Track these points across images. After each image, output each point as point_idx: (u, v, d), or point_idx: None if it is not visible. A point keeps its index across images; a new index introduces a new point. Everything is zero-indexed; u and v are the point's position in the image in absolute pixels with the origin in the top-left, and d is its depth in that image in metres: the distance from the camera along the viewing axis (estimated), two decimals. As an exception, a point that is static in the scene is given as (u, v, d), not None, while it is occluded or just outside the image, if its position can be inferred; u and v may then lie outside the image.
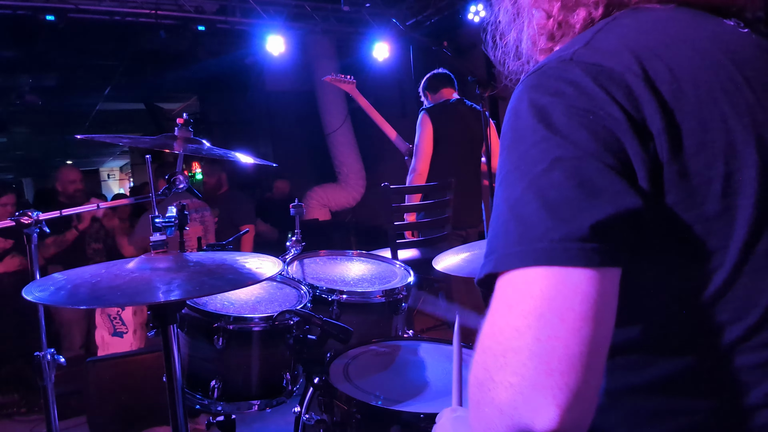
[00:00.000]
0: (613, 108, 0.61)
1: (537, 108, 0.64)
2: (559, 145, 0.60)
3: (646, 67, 0.64)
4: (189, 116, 1.71)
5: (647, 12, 0.73)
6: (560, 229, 0.56)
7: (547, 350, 0.53)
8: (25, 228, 1.74)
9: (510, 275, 0.58)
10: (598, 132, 0.60)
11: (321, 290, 1.82)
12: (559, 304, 0.54)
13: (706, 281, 0.63)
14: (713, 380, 0.64)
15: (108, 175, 17.81)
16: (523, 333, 0.54)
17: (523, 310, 0.56)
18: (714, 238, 0.62)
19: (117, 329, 3.49)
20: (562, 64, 0.66)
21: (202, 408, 1.61)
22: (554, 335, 0.53)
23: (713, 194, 0.62)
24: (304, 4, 5.55)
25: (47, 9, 4.54)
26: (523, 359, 0.54)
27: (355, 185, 7.11)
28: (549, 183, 0.59)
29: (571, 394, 0.52)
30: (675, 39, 0.68)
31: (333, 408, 1.35)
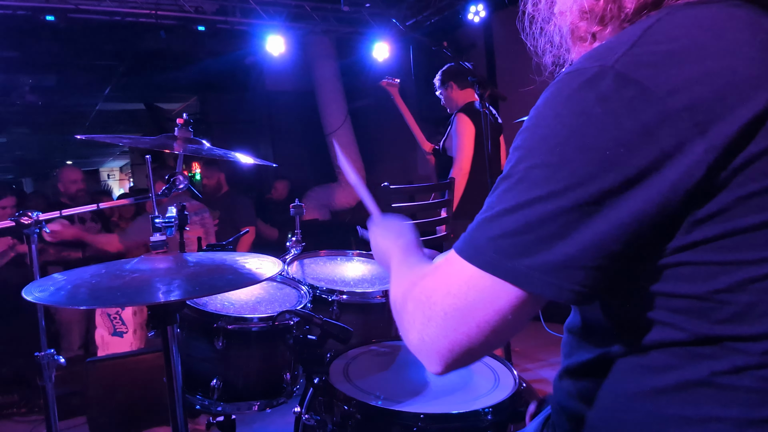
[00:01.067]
0: (639, 142, 0.58)
1: (557, 124, 0.63)
2: (561, 180, 0.61)
3: (690, 83, 0.59)
4: (189, 116, 1.71)
5: (705, 7, 0.65)
6: (533, 257, 0.62)
7: (448, 329, 0.67)
8: (25, 228, 1.74)
9: (460, 263, 0.67)
10: (613, 173, 0.59)
11: (321, 290, 1.82)
12: (473, 306, 0.66)
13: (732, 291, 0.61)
14: (740, 388, 0.63)
15: (108, 175, 17.81)
16: (441, 305, 0.68)
17: (451, 289, 0.67)
18: (750, 251, 0.61)
19: (117, 329, 3.49)
20: (599, 72, 0.61)
21: (202, 408, 1.61)
22: (453, 327, 0.67)
23: (753, 207, 0.59)
24: (304, 4, 5.55)
25: (47, 9, 4.55)
26: (433, 325, 0.68)
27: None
28: (541, 214, 0.62)
29: (453, 363, 0.69)
30: (729, 42, 0.62)
31: (333, 408, 1.35)
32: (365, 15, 5.78)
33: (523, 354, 3.87)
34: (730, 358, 0.62)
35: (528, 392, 1.39)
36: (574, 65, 0.65)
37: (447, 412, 1.25)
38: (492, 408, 1.26)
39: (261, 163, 2.15)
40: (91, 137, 1.81)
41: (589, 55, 0.65)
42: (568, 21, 0.76)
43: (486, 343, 0.67)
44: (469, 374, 1.50)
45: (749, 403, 0.61)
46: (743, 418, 0.62)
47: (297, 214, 2.30)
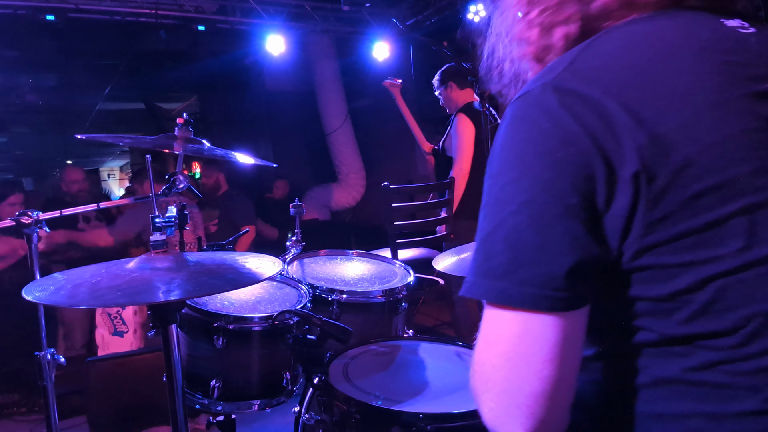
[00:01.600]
0: (586, 141, 0.62)
1: (516, 143, 0.67)
2: (527, 189, 0.64)
3: (626, 89, 0.63)
4: (189, 116, 1.71)
5: (637, 24, 0.71)
6: (519, 274, 0.63)
7: (514, 388, 0.64)
8: (25, 228, 1.74)
9: (488, 305, 0.67)
10: (566, 171, 0.62)
11: (321, 290, 1.82)
12: (523, 349, 0.64)
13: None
14: (712, 383, 0.64)
15: (108, 175, 17.81)
16: (498, 370, 0.65)
17: (497, 350, 0.66)
18: (703, 250, 0.62)
19: (117, 328, 3.49)
20: (542, 90, 0.66)
21: (202, 408, 1.61)
22: (520, 376, 0.64)
23: (702, 207, 0.61)
24: (304, 4, 5.55)
25: (47, 9, 4.54)
26: (498, 391, 0.65)
27: (355, 185, 7.11)
28: (515, 227, 0.64)
29: (536, 422, 0.64)
30: (663, 56, 0.66)
31: (333, 408, 1.35)
32: (365, 15, 5.77)
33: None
34: (699, 355, 0.63)
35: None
36: (522, 89, 0.70)
37: (447, 411, 1.25)
38: (492, 408, 1.26)
39: (261, 163, 2.15)
40: (91, 137, 1.81)
41: (535, 77, 0.70)
42: (519, 57, 0.82)
43: (555, 378, 0.63)
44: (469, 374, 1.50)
45: (723, 398, 0.62)
46: (718, 412, 0.63)
47: (297, 214, 2.29)
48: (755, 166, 0.61)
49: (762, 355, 0.61)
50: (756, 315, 0.61)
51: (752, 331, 0.61)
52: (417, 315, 4.92)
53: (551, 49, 0.78)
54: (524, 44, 0.80)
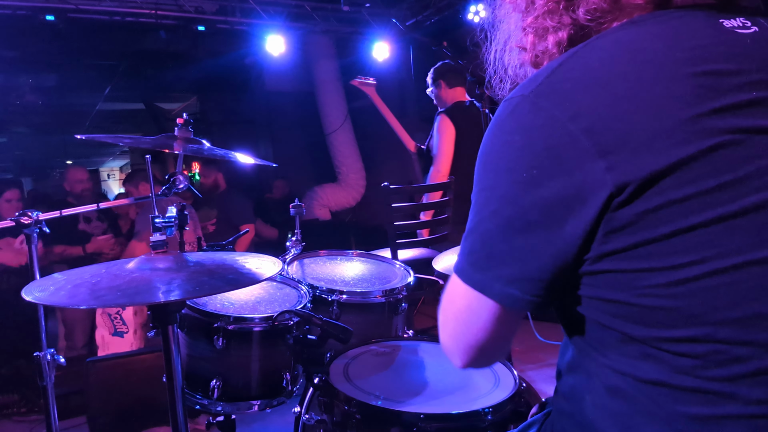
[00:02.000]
0: (550, 163, 0.66)
1: (492, 152, 0.73)
2: (496, 199, 0.71)
3: (593, 110, 0.65)
4: (189, 116, 1.71)
5: (624, 31, 0.71)
6: (490, 270, 0.73)
7: (458, 336, 0.81)
8: (25, 228, 1.74)
9: (457, 279, 0.79)
10: (531, 190, 0.67)
11: (321, 290, 1.82)
12: (469, 315, 0.78)
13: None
14: (689, 388, 0.65)
15: (108, 175, 17.81)
16: (449, 321, 0.83)
17: (455, 309, 0.81)
18: (664, 258, 0.64)
19: (117, 329, 3.49)
20: (521, 100, 0.70)
21: (202, 408, 1.61)
22: (462, 331, 0.80)
23: (662, 219, 0.63)
24: (304, 4, 5.55)
25: (47, 9, 4.54)
26: (447, 334, 0.84)
27: (355, 185, 7.11)
28: (487, 230, 0.73)
29: (469, 359, 0.82)
30: (639, 70, 0.66)
31: (333, 408, 1.35)
32: (365, 15, 5.77)
33: (523, 354, 3.87)
34: (673, 359, 0.65)
35: (528, 392, 1.39)
36: (508, 95, 0.74)
37: (447, 412, 1.25)
38: (492, 408, 1.27)
39: (261, 163, 2.15)
40: (91, 137, 1.80)
41: (520, 85, 0.73)
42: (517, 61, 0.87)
43: (490, 342, 0.79)
44: (469, 374, 1.50)
45: (703, 402, 0.64)
46: (700, 414, 0.64)
47: (297, 214, 2.29)
48: (723, 180, 0.62)
49: (739, 362, 0.62)
50: (725, 322, 0.62)
51: (724, 339, 0.62)
52: (417, 315, 4.92)
53: (546, 54, 0.80)
54: (522, 51, 0.83)
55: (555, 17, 0.77)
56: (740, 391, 0.62)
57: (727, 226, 0.62)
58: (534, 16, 0.79)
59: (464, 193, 3.44)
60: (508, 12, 0.85)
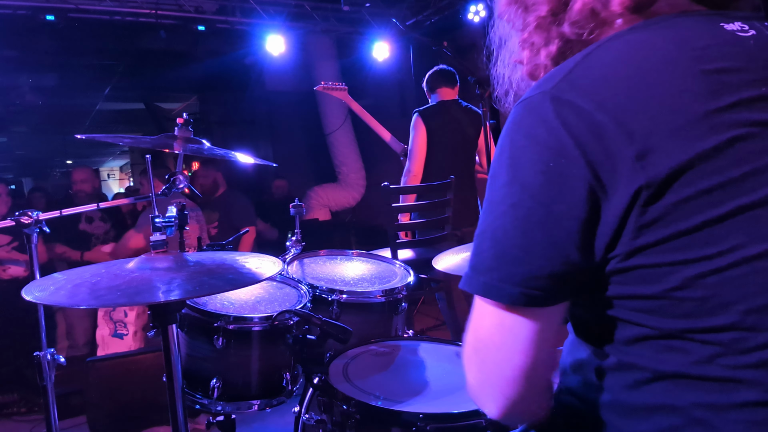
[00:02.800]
0: (576, 154, 0.66)
1: (512, 148, 0.72)
2: (516, 193, 0.69)
3: (619, 102, 0.66)
4: (189, 116, 1.71)
5: (635, 34, 0.73)
6: (501, 271, 0.70)
7: (488, 370, 0.73)
8: (25, 228, 1.74)
9: (478, 301, 0.74)
10: (555, 181, 0.67)
11: (321, 290, 1.82)
12: (497, 339, 0.72)
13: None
14: (711, 377, 0.66)
15: (108, 175, 17.82)
16: (477, 353, 0.75)
17: (477, 334, 0.75)
18: (697, 249, 0.65)
19: (118, 330, 3.49)
20: (541, 97, 0.70)
21: (202, 408, 1.61)
22: (493, 361, 0.72)
23: (692, 210, 0.64)
24: (304, 4, 5.55)
25: (47, 9, 4.54)
26: (476, 372, 0.75)
27: (355, 185, 7.11)
28: (502, 227, 0.70)
29: (508, 402, 0.72)
30: (656, 67, 0.68)
31: (333, 408, 1.35)
32: (365, 15, 5.77)
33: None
34: (698, 349, 0.66)
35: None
36: (524, 95, 0.74)
37: (447, 411, 1.25)
38: (492, 408, 1.26)
39: (261, 163, 2.16)
40: (91, 137, 1.81)
41: (536, 84, 0.74)
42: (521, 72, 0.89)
43: (525, 366, 0.71)
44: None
45: (724, 390, 0.65)
46: (721, 403, 0.65)
47: (297, 214, 2.30)
48: (744, 170, 0.64)
49: (762, 349, 0.63)
50: (752, 310, 0.63)
51: (750, 326, 0.63)
52: (417, 315, 4.92)
53: (540, 67, 0.83)
54: (520, 65, 0.87)
55: (544, 32, 0.81)
56: (762, 377, 0.63)
57: (752, 215, 0.63)
58: (528, 32, 0.83)
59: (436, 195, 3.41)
60: (507, 30, 0.89)
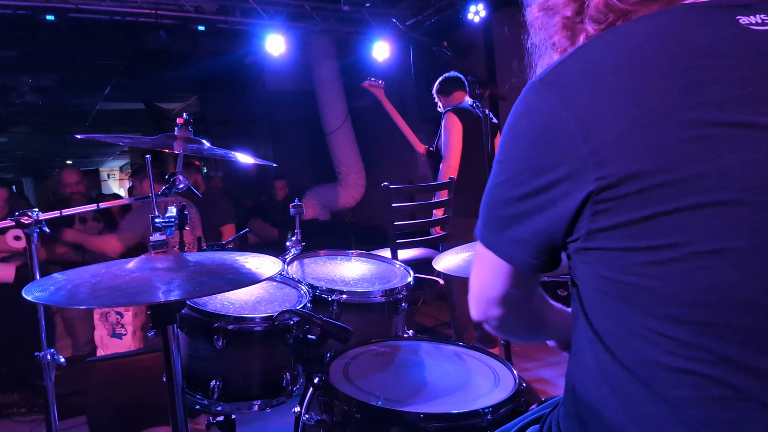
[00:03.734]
0: (549, 146, 0.73)
1: (508, 128, 0.80)
2: (505, 171, 0.80)
3: (586, 104, 0.70)
4: (189, 116, 1.71)
5: (632, 26, 0.75)
6: (493, 230, 0.83)
7: (482, 293, 0.91)
8: (25, 227, 1.74)
9: (480, 243, 0.87)
10: (534, 166, 0.75)
11: (321, 290, 1.82)
12: (492, 275, 0.88)
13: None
14: (681, 369, 0.68)
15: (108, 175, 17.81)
16: (478, 281, 0.92)
17: (479, 269, 0.91)
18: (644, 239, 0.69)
19: (116, 331, 3.49)
20: (531, 86, 0.77)
21: (202, 408, 1.61)
22: (485, 284, 0.90)
23: (642, 201, 0.67)
24: (304, 4, 5.55)
25: (47, 9, 4.54)
26: (475, 292, 0.92)
27: (355, 185, 7.11)
28: (494, 196, 0.82)
29: (487, 313, 0.92)
30: (633, 64, 0.70)
31: (333, 408, 1.35)
32: (365, 15, 5.77)
33: (522, 354, 3.87)
34: (663, 340, 0.67)
35: (528, 392, 1.39)
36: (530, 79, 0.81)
37: (447, 411, 1.25)
38: (492, 408, 1.27)
39: (261, 163, 2.16)
40: (91, 137, 1.81)
41: (541, 72, 0.80)
42: None
43: (507, 298, 0.88)
44: (469, 374, 1.50)
45: (691, 384, 0.66)
46: (692, 398, 0.66)
47: (297, 214, 2.30)
48: (701, 170, 0.64)
49: (717, 344, 0.64)
50: (701, 305, 0.65)
51: (702, 322, 0.65)
52: (417, 315, 4.92)
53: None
54: (555, 48, 0.90)
55: (569, 32, 0.86)
56: (723, 375, 0.64)
57: (706, 214, 0.64)
58: (556, 34, 0.88)
59: (468, 189, 3.44)
60: (541, 36, 0.94)
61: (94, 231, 4.17)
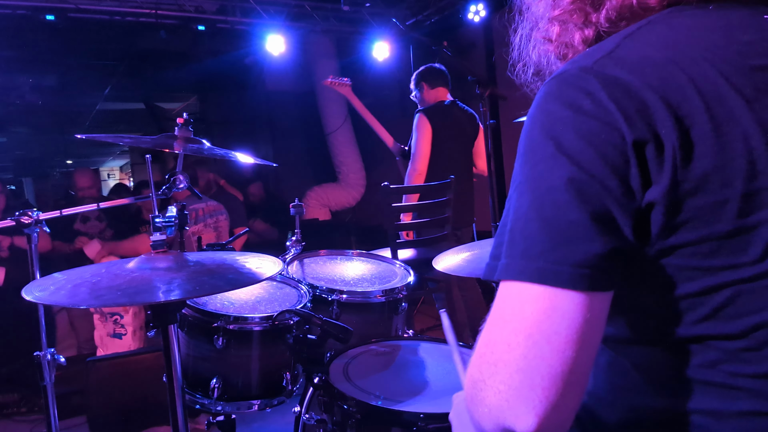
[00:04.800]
0: (625, 128, 0.61)
1: (551, 121, 0.65)
2: (564, 165, 0.62)
3: (666, 84, 0.62)
4: (189, 116, 1.71)
5: (681, 16, 0.69)
6: (556, 253, 0.61)
7: (532, 367, 0.60)
8: (25, 227, 1.74)
9: (509, 284, 0.64)
10: (607, 153, 0.61)
11: (321, 290, 1.82)
12: (547, 327, 0.60)
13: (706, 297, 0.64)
14: (715, 383, 0.65)
15: (108, 174, 17.80)
16: (514, 348, 0.61)
17: (516, 327, 0.62)
18: (723, 257, 0.62)
19: (116, 331, 3.48)
20: (582, 72, 0.65)
21: (202, 408, 1.61)
22: (540, 355, 0.60)
23: (727, 214, 0.61)
24: (304, 3, 5.55)
25: (47, 9, 4.54)
26: (512, 371, 0.61)
27: (355, 185, 7.11)
28: (552, 203, 0.62)
29: (550, 406, 0.60)
30: (702, 50, 0.64)
31: (333, 408, 1.35)
32: (365, 15, 5.77)
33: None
34: (705, 354, 0.64)
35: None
36: (557, 71, 0.69)
37: (447, 411, 1.25)
38: (492, 407, 1.26)
39: (261, 163, 2.16)
40: (91, 137, 1.81)
41: (571, 61, 0.69)
42: (551, 49, 0.83)
43: (576, 362, 0.61)
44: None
45: (726, 397, 0.64)
46: (719, 410, 0.64)
47: (297, 214, 2.30)
48: None
49: (764, 360, 0.62)
50: (763, 324, 0.62)
51: (763, 339, 0.62)
52: (417, 315, 4.92)
53: (571, 48, 0.78)
54: (547, 42, 0.81)
55: (582, 14, 0.76)
56: (762, 386, 0.62)
57: None
58: (561, 10, 0.78)
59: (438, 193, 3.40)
60: (535, 5, 0.84)
61: (96, 230, 4.17)
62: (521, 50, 0.88)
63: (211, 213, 3.93)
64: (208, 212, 3.90)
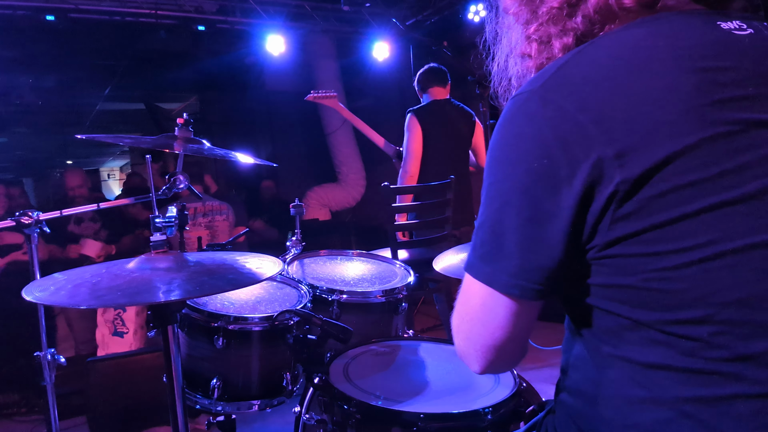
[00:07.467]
0: (561, 153, 0.68)
1: (503, 144, 0.75)
2: (508, 191, 0.73)
3: (602, 106, 0.67)
4: (189, 116, 1.71)
5: (628, 31, 0.74)
6: (500, 263, 0.75)
7: (472, 339, 0.82)
8: (25, 228, 1.74)
9: (468, 276, 0.81)
10: (544, 180, 0.70)
11: (321, 290, 1.82)
12: (483, 315, 0.79)
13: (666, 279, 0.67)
14: (695, 370, 0.67)
15: (108, 175, 17.80)
16: (465, 322, 0.83)
17: (469, 308, 0.82)
18: (670, 242, 0.66)
19: (117, 329, 3.49)
20: (530, 95, 0.73)
21: (202, 408, 1.61)
22: (478, 333, 0.81)
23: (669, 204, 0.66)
24: (304, 4, 5.55)
25: (47, 9, 4.54)
26: (463, 337, 0.84)
27: (355, 185, 7.10)
28: (498, 222, 0.75)
29: (487, 363, 0.83)
30: (643, 66, 0.69)
31: (333, 408, 1.35)
32: (365, 15, 5.77)
33: (523, 354, 3.86)
34: (678, 342, 0.67)
35: (528, 392, 1.39)
36: (516, 91, 0.77)
37: (447, 411, 1.25)
38: (492, 407, 1.27)
39: (261, 163, 2.16)
40: (91, 137, 1.81)
41: (530, 80, 0.76)
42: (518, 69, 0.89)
43: (509, 341, 0.79)
44: (469, 374, 1.50)
45: (709, 383, 0.66)
46: (705, 397, 0.66)
47: (297, 214, 2.30)
48: (723, 168, 0.65)
49: (737, 343, 0.65)
50: (726, 304, 0.65)
51: (725, 320, 0.65)
52: (417, 315, 4.92)
53: (553, 60, 0.81)
54: (527, 59, 0.86)
55: (559, 23, 0.81)
56: (745, 371, 0.64)
57: (728, 212, 0.65)
58: (538, 24, 0.82)
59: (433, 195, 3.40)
60: (510, 24, 0.89)
61: (90, 231, 4.16)
62: (501, 75, 0.93)
63: (206, 213, 3.93)
64: (201, 212, 3.90)
